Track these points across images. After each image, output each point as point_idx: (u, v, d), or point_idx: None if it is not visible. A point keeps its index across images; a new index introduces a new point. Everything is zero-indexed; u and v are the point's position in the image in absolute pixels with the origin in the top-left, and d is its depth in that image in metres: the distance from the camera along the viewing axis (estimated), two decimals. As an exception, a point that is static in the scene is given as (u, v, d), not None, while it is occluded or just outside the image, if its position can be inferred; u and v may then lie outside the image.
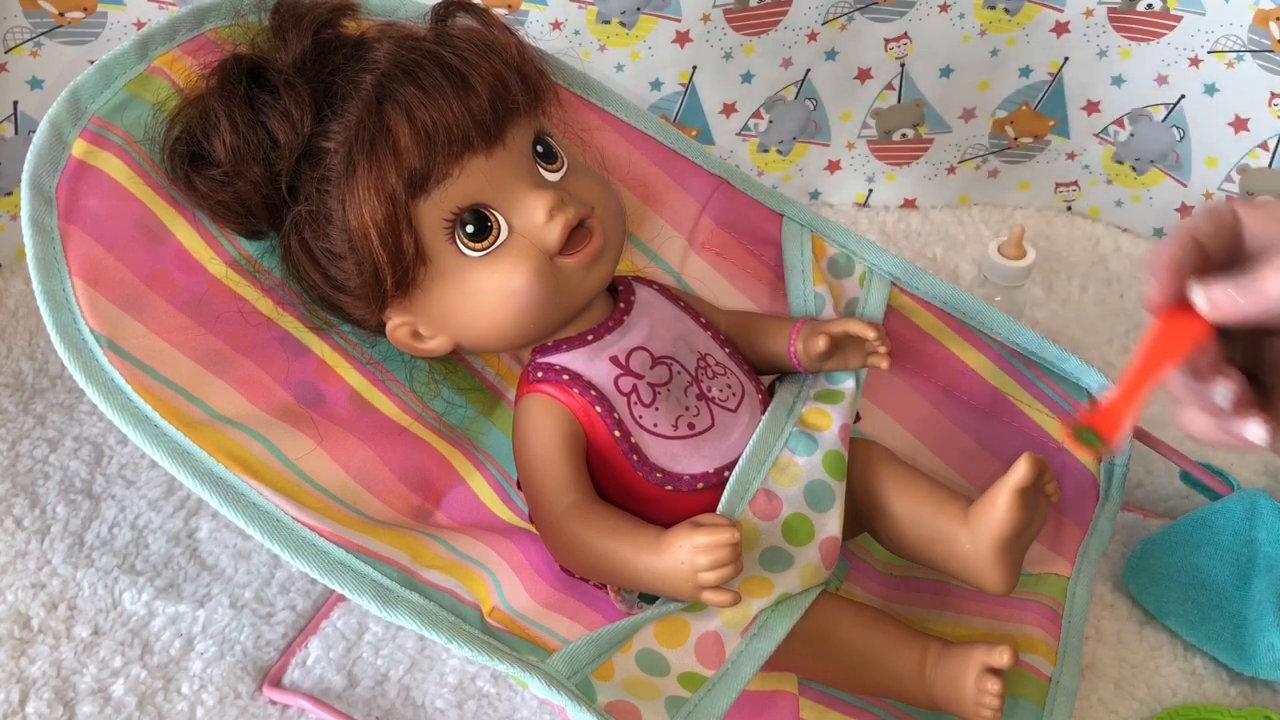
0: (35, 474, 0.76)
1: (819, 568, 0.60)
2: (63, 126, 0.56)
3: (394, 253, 0.56)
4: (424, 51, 0.57)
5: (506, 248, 0.58)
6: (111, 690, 0.64)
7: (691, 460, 0.60)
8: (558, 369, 0.60)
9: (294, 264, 0.60)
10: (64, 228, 0.55)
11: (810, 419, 0.65)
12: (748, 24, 0.92)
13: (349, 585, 0.52)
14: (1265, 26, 0.89)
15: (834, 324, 0.66)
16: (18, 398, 0.81)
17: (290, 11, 0.59)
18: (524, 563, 0.62)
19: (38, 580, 0.70)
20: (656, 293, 0.66)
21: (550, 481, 0.59)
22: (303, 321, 0.62)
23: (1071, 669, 0.66)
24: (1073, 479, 0.73)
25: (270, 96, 0.57)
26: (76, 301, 0.54)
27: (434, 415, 0.66)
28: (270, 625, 0.69)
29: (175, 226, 0.59)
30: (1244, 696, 0.69)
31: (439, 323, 0.60)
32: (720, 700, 0.55)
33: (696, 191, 0.72)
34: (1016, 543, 0.60)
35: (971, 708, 0.59)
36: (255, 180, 0.57)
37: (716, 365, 0.64)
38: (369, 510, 0.60)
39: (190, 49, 0.61)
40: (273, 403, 0.59)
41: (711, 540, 0.54)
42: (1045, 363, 0.72)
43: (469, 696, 0.66)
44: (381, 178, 0.55)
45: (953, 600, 0.71)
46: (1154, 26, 0.94)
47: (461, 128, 0.55)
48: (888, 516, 0.64)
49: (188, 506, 0.75)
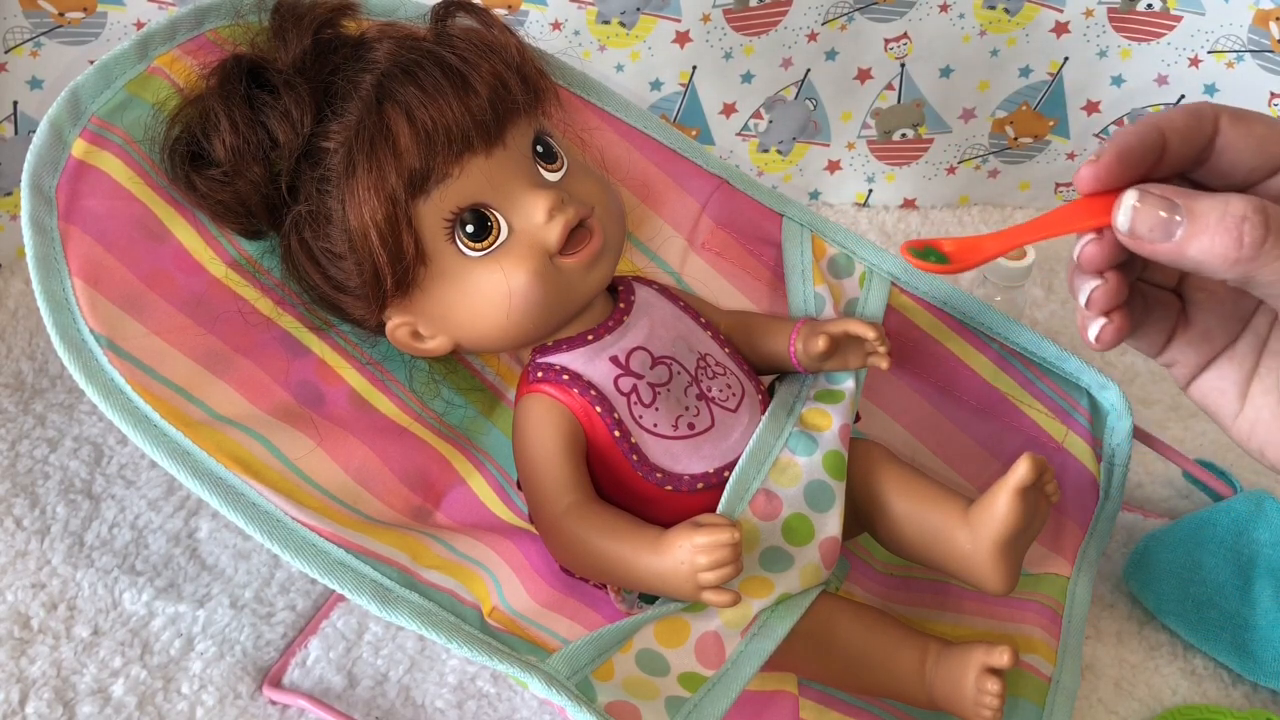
0: (35, 474, 0.76)
1: (819, 568, 0.60)
2: (63, 126, 0.56)
3: (394, 253, 0.56)
4: (424, 51, 0.57)
5: (506, 248, 0.58)
6: (111, 690, 0.64)
7: (691, 460, 0.60)
8: (557, 369, 0.60)
9: (294, 264, 0.60)
10: (64, 228, 0.55)
11: (810, 419, 0.65)
12: (748, 24, 0.92)
13: (349, 585, 0.52)
14: (1265, 26, 0.89)
15: (834, 324, 0.66)
16: (18, 398, 0.81)
17: (290, 11, 0.59)
18: (524, 563, 0.62)
19: (38, 580, 0.70)
20: (656, 293, 0.66)
21: (550, 481, 0.59)
22: (302, 321, 0.62)
23: (1071, 669, 0.66)
24: (1073, 479, 0.73)
25: (270, 96, 0.57)
26: (76, 302, 0.54)
27: (434, 415, 0.66)
28: (270, 625, 0.69)
29: (175, 226, 0.59)
30: (1245, 698, 0.68)
31: (439, 323, 0.60)
32: (720, 700, 0.55)
33: (696, 191, 0.72)
34: (1016, 543, 0.60)
35: (971, 708, 0.59)
36: (255, 180, 0.57)
37: (716, 365, 0.64)
38: (369, 510, 0.60)
39: (190, 49, 0.60)
40: (273, 403, 0.59)
41: (711, 540, 0.54)
42: (1045, 362, 0.72)
43: (469, 696, 0.66)
44: (381, 178, 0.55)
45: (952, 600, 0.71)
46: (1154, 26, 0.94)
47: (461, 128, 0.55)
48: (888, 516, 0.64)
49: (188, 506, 0.75)
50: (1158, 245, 0.46)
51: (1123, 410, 0.71)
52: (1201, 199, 0.45)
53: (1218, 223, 0.44)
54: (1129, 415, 0.71)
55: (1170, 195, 0.46)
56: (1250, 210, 0.44)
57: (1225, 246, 0.44)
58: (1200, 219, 0.45)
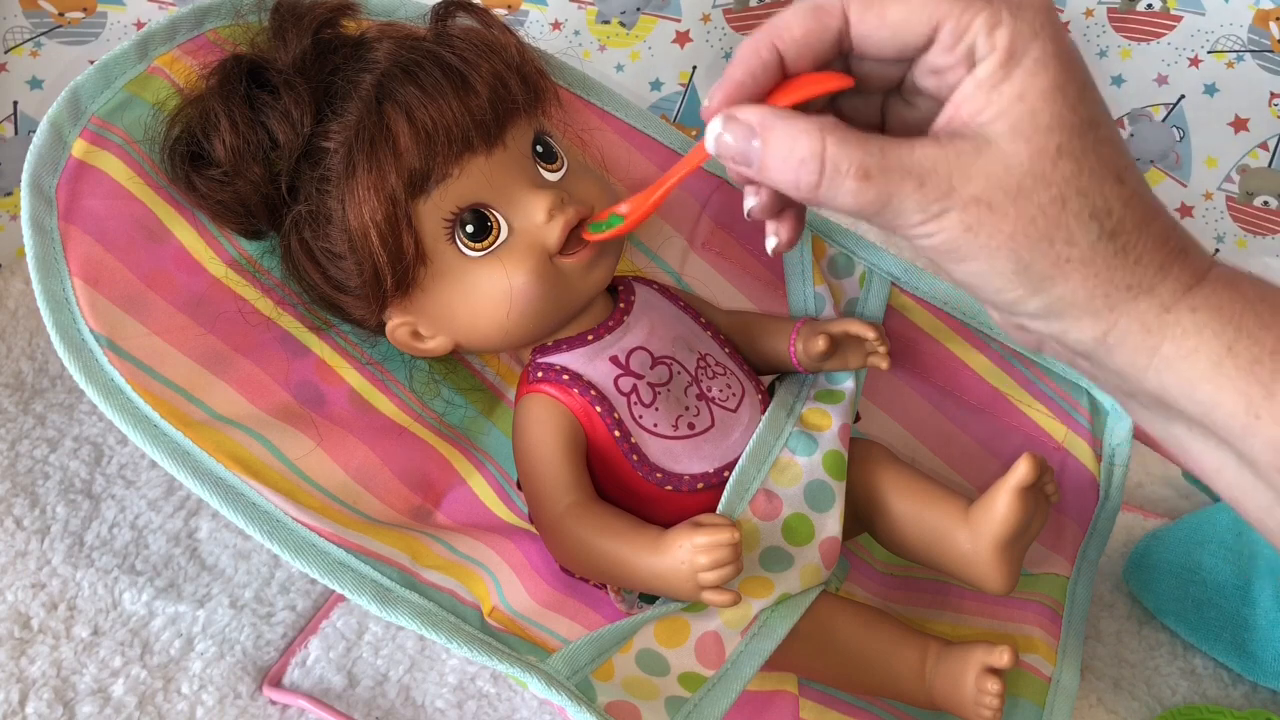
0: (35, 474, 0.76)
1: (819, 568, 0.60)
2: (63, 126, 0.56)
3: (394, 252, 0.56)
4: (424, 51, 0.57)
5: (506, 247, 0.58)
6: (111, 690, 0.64)
7: (691, 460, 0.60)
8: (557, 369, 0.60)
9: (294, 264, 0.60)
10: (64, 228, 0.54)
11: (810, 419, 0.65)
12: (748, 24, 0.92)
13: (349, 585, 0.52)
14: (1265, 26, 0.89)
15: (834, 324, 0.66)
16: (18, 398, 0.81)
17: (290, 11, 0.59)
18: (524, 563, 0.62)
19: (38, 580, 0.70)
20: (656, 292, 0.66)
21: (550, 482, 0.59)
22: (303, 322, 0.62)
23: (1071, 669, 0.66)
24: (1072, 479, 0.73)
25: (270, 96, 0.57)
26: (76, 302, 0.54)
27: (434, 415, 0.66)
28: (270, 625, 0.69)
29: (175, 226, 0.59)
30: (1245, 698, 0.69)
31: (439, 322, 0.60)
32: (720, 700, 0.55)
33: (696, 191, 0.72)
34: (1016, 542, 0.60)
35: (971, 707, 0.60)
36: (255, 180, 0.57)
37: (716, 365, 0.64)
38: (369, 510, 0.60)
39: (190, 49, 0.60)
40: (273, 403, 0.59)
41: (711, 540, 0.54)
42: (1044, 362, 0.72)
43: (469, 696, 0.66)
44: (381, 177, 0.55)
45: (953, 600, 0.71)
46: (1154, 26, 0.94)
47: (461, 128, 0.55)
48: (887, 516, 0.64)
49: (188, 506, 0.75)
50: (744, 170, 0.46)
51: (1122, 410, 0.71)
52: (778, 129, 0.45)
53: (782, 161, 0.44)
54: (1129, 415, 0.71)
55: (752, 122, 0.45)
56: (809, 154, 0.43)
57: (787, 185, 0.45)
58: (771, 151, 0.45)
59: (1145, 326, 0.43)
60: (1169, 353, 0.43)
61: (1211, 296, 0.43)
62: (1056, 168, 0.42)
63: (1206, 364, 0.43)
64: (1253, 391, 0.42)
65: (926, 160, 0.43)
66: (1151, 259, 0.43)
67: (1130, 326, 0.44)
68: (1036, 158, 0.42)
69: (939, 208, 0.43)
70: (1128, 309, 0.43)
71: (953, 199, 0.43)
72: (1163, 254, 0.43)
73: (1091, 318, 0.44)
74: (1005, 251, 0.43)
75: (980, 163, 0.43)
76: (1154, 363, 0.44)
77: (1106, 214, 0.43)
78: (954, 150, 0.43)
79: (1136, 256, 0.43)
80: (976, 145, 0.43)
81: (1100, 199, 0.43)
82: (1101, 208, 0.43)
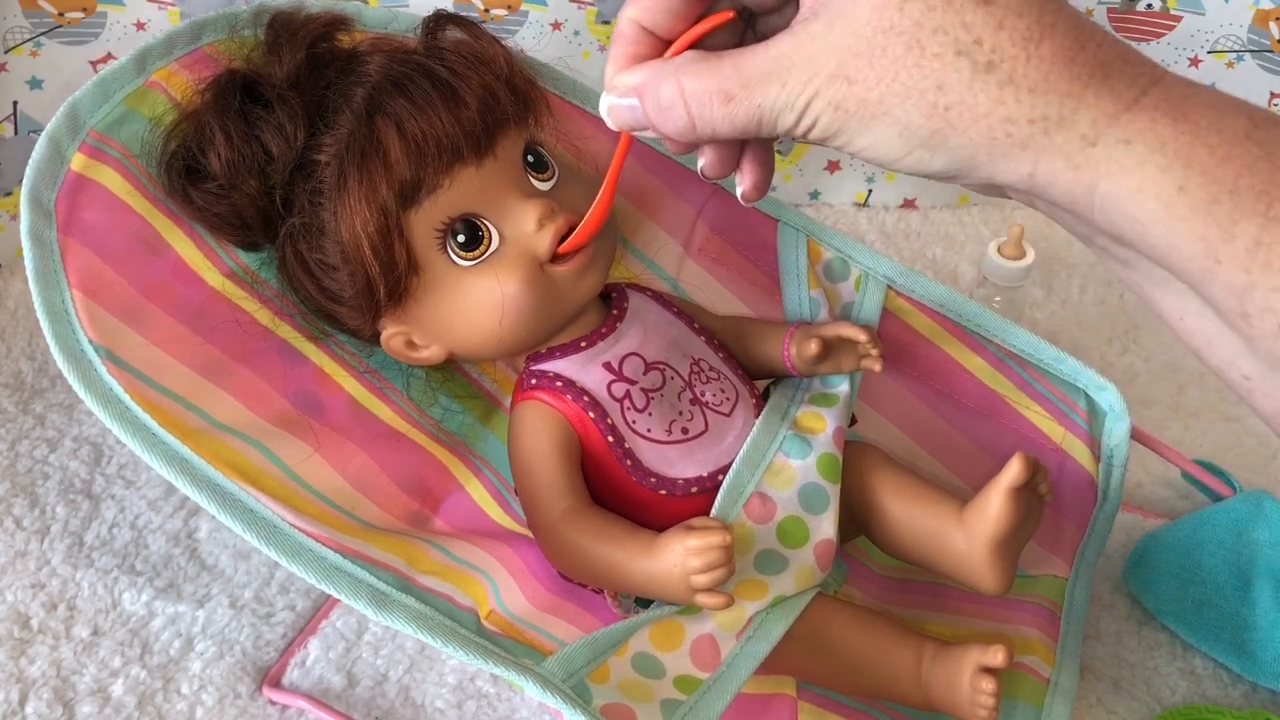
0: (35, 474, 0.76)
1: (814, 570, 0.60)
2: (61, 141, 0.56)
3: (386, 263, 0.56)
4: (414, 64, 0.57)
5: (498, 257, 0.58)
6: (111, 690, 0.65)
7: (685, 464, 0.61)
8: (551, 376, 0.61)
9: (289, 275, 0.60)
10: (63, 241, 0.55)
11: (805, 422, 0.65)
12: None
13: (345, 590, 0.52)
14: (1265, 26, 0.89)
15: (826, 327, 0.66)
16: (17, 398, 0.82)
17: (284, 26, 0.59)
18: (522, 567, 0.62)
19: (37, 580, 0.70)
20: (649, 298, 0.66)
21: (545, 488, 0.59)
22: (300, 331, 0.62)
23: (1069, 670, 0.66)
24: (1070, 480, 0.73)
25: (264, 110, 0.57)
26: (76, 313, 0.54)
27: (431, 422, 0.67)
28: (270, 625, 0.69)
29: (173, 239, 0.59)
30: (1245, 698, 0.68)
31: (433, 332, 0.60)
32: (715, 702, 0.56)
33: (692, 198, 0.72)
34: (1011, 543, 0.60)
35: (967, 707, 0.60)
36: (250, 193, 0.58)
37: (710, 370, 0.64)
38: (366, 516, 0.60)
39: (187, 63, 0.61)
40: (271, 410, 0.60)
41: (703, 543, 0.54)
42: (1042, 364, 0.72)
43: (468, 697, 0.67)
44: (373, 189, 0.55)
45: (950, 602, 0.71)
46: (1154, 26, 0.94)
47: (451, 139, 0.56)
48: (883, 519, 0.64)
49: (188, 507, 0.75)
50: (646, 134, 0.46)
51: (1120, 412, 0.71)
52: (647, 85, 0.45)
53: (659, 113, 0.45)
54: (1127, 417, 0.71)
55: (629, 85, 0.46)
56: (672, 98, 0.44)
57: (673, 133, 0.45)
58: (648, 107, 0.45)
59: (1071, 163, 0.39)
60: (1110, 190, 0.39)
61: (1150, 128, 0.39)
62: (904, 13, 0.39)
63: (1156, 205, 0.39)
64: (1211, 234, 0.38)
65: (782, 58, 0.42)
66: (1052, 86, 0.39)
67: (1054, 164, 0.40)
68: (880, 10, 0.40)
69: (805, 98, 0.41)
70: (1042, 144, 0.39)
71: (814, 84, 0.41)
72: (1067, 77, 0.39)
73: (1005, 160, 0.40)
74: (880, 118, 0.40)
75: (833, 37, 0.41)
76: (1096, 202, 0.40)
77: (976, 45, 0.39)
78: (806, 35, 0.41)
79: (1030, 85, 0.39)
80: (828, 21, 0.41)
81: (963, 31, 0.39)
82: (967, 40, 0.39)
